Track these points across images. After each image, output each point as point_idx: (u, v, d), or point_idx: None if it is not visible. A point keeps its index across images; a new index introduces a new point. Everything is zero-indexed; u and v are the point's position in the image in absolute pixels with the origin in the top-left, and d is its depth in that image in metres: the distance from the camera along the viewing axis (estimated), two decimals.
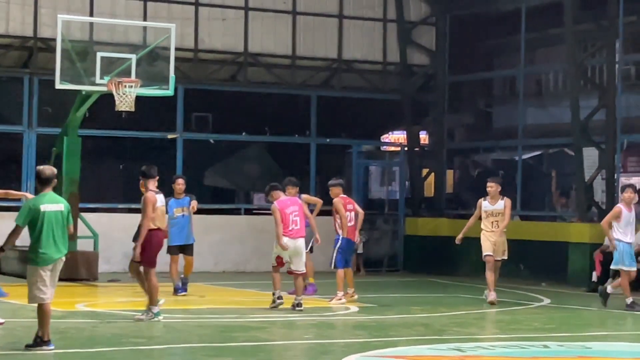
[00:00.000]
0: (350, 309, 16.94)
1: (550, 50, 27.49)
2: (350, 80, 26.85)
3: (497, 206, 18.07)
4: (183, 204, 18.87)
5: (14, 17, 23.52)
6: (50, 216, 11.79)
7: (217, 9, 25.23)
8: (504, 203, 18.12)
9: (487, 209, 18.12)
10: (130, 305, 16.79)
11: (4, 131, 25.13)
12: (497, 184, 18.22)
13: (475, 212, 18.42)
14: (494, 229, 18.01)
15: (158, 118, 25.12)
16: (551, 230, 23.58)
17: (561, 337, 14.06)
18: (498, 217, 18.04)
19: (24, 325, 13.38)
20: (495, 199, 18.09)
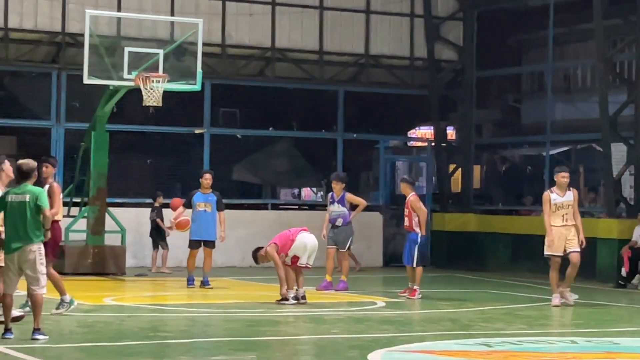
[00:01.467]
0: (377, 303, 16.95)
1: (578, 46, 27.41)
2: (378, 75, 26.85)
3: (567, 198, 16.95)
4: (208, 200, 18.93)
5: (43, 12, 23.64)
6: (13, 206, 11.83)
7: (244, 4, 25.27)
8: (572, 194, 17.06)
9: (557, 202, 16.94)
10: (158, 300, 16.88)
11: (32, 126, 25.27)
12: (569, 174, 17.17)
13: (545, 208, 17.08)
14: (564, 222, 16.90)
15: (185, 113, 25.19)
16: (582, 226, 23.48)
17: (589, 333, 14.02)
18: (568, 209, 16.86)
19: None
20: (563, 190, 16.97)
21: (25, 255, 11.84)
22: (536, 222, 24.95)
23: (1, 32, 23.40)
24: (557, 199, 16.93)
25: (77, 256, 20.90)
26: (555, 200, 16.92)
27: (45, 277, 12.04)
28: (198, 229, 18.81)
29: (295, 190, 31.92)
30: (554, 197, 16.95)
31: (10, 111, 25.25)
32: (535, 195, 26.22)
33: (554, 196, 16.97)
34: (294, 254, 16.24)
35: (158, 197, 22.44)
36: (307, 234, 16.39)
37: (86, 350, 11.52)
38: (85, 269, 20.83)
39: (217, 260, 23.10)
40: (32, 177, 12.11)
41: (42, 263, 11.92)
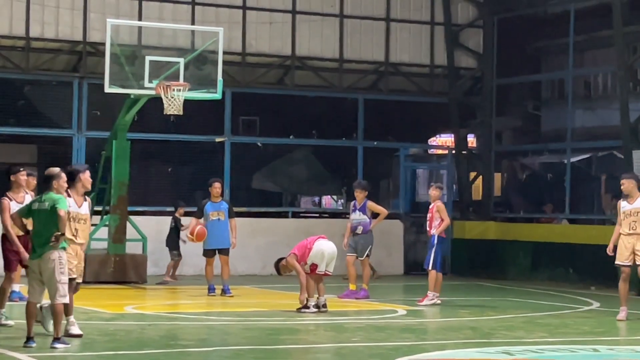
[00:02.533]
0: (397, 312, 16.92)
1: (599, 53, 27.35)
2: (398, 83, 26.83)
3: (637, 204, 16.11)
4: (219, 208, 18.95)
5: (64, 21, 23.72)
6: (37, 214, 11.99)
7: (264, 12, 25.29)
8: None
9: (625, 209, 16.20)
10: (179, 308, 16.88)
11: (54, 135, 25.34)
12: (630, 180, 16.34)
13: (619, 217, 16.36)
14: (631, 231, 16.13)
15: (206, 121, 25.22)
16: (600, 234, 23.35)
17: (611, 341, 13.96)
18: (638, 216, 16.03)
19: None
20: (634, 197, 16.10)
21: (45, 263, 11.87)
22: (557, 230, 24.94)
23: (23, 41, 23.50)
24: (626, 206, 16.28)
25: (99, 264, 20.93)
26: (625, 208, 16.29)
27: (66, 286, 12.05)
28: (212, 238, 18.86)
29: (316, 198, 31.92)
30: (624, 205, 16.32)
31: (31, 120, 25.32)
32: (556, 203, 26.17)
33: (624, 204, 16.33)
34: (312, 261, 16.25)
35: (180, 208, 22.38)
36: (324, 241, 16.40)
37: (107, 358, 11.53)
38: (106, 277, 20.86)
39: (238, 268, 23.16)
40: (55, 186, 12.13)
41: (62, 272, 11.92)
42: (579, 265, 23.62)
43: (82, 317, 15.00)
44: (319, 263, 16.27)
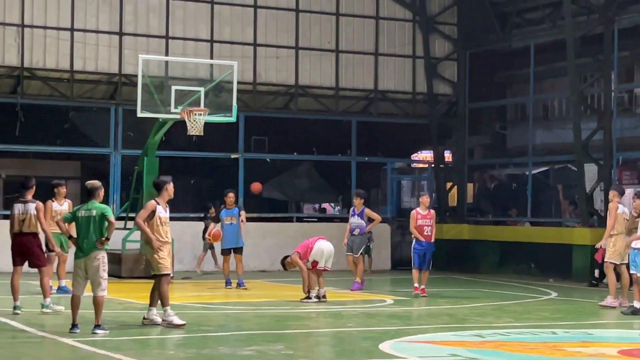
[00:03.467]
0: (386, 301, 16.91)
1: (555, 81, 27.36)
2: (385, 107, 26.84)
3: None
4: (232, 214, 18.96)
5: (102, 57, 23.74)
6: (83, 220, 11.97)
7: (272, 48, 25.33)
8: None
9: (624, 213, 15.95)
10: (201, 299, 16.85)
11: (94, 153, 25.37)
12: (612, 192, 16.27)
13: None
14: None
15: (223, 141, 25.23)
16: (557, 234, 23.44)
17: (567, 325, 13.96)
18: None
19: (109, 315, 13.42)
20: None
21: (90, 261, 11.89)
22: (521, 231, 24.93)
23: (68, 74, 23.51)
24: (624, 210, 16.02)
25: (132, 263, 20.91)
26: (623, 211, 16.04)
27: (106, 281, 12.07)
28: (227, 239, 18.89)
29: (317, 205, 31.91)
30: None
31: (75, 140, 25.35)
32: (520, 208, 26.17)
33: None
34: (313, 259, 16.27)
35: (210, 209, 22.31)
36: (323, 242, 16.43)
37: (140, 342, 11.53)
38: (139, 273, 20.81)
39: (250, 264, 23.14)
40: (97, 196, 12.16)
41: (104, 270, 11.96)
42: (539, 261, 23.62)
43: (119, 307, 15.03)
44: (319, 260, 16.27)
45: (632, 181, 26.95)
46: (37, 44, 23.13)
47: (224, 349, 11.14)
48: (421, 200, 18.12)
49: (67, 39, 23.36)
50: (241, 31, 24.99)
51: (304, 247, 16.37)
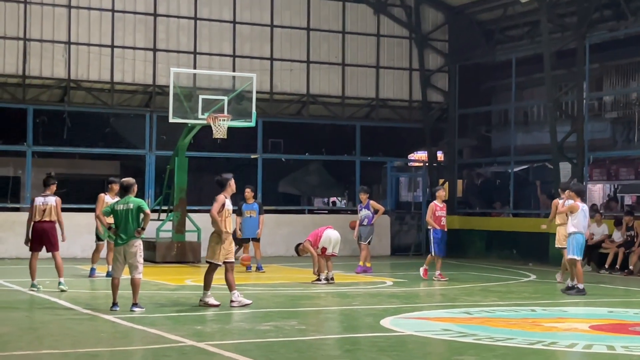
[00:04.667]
0: (386, 283, 16.88)
1: (534, 90, 27.32)
2: (385, 113, 26.81)
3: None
4: (251, 208, 18.83)
5: (139, 70, 23.77)
6: (121, 213, 11.96)
7: (286, 62, 25.32)
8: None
9: None
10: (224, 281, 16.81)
11: (132, 154, 25.39)
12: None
13: None
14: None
15: (244, 143, 25.24)
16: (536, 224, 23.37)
17: (544, 304, 13.92)
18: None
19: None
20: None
21: (129, 248, 11.92)
22: (504, 222, 24.87)
23: (108, 85, 23.55)
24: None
25: (165, 249, 20.94)
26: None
27: (142, 265, 12.07)
28: (246, 230, 18.81)
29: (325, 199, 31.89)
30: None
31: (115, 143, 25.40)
32: (503, 201, 26.11)
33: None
34: (322, 245, 16.25)
35: None
36: (331, 230, 16.41)
37: (172, 319, 11.54)
38: (171, 259, 20.87)
39: (268, 251, 23.14)
40: (132, 191, 12.18)
41: (140, 255, 11.97)
42: (520, 247, 23.57)
43: (154, 288, 15.04)
44: (328, 246, 16.25)
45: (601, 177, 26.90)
46: (82, 59, 23.17)
47: (244, 324, 11.15)
48: (438, 195, 17.81)
49: (108, 55, 23.39)
50: (259, 47, 24.98)
51: (314, 236, 16.36)
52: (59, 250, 14.57)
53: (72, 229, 21.71)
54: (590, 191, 26.90)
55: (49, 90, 23.31)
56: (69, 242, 22.16)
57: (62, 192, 18.65)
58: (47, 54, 22.88)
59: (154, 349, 9.28)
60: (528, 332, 10.75)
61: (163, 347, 9.28)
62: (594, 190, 28.09)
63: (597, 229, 20.78)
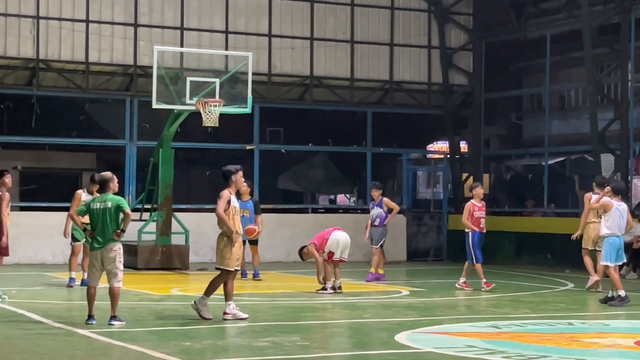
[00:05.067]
0: (402, 292, 16.90)
1: (571, 71, 27.28)
2: (400, 98, 26.81)
3: None
4: (246, 207, 18.37)
5: (117, 48, 23.79)
6: (97, 212, 11.99)
7: (287, 39, 25.32)
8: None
9: None
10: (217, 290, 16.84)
11: (109, 144, 25.42)
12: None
13: None
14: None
15: (238, 132, 25.25)
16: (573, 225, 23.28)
17: (583, 316, 13.93)
18: None
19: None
20: None
21: (107, 253, 11.91)
22: (537, 222, 24.87)
23: (83, 66, 23.57)
24: None
25: (148, 254, 20.97)
26: None
27: (122, 272, 12.09)
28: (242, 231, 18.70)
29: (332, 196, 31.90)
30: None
31: (91, 132, 25.42)
32: (536, 199, 26.11)
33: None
34: (329, 250, 16.25)
35: None
36: (339, 232, 16.41)
37: (156, 334, 11.55)
38: (155, 265, 20.90)
39: (266, 256, 23.16)
40: (109, 188, 12.17)
41: (120, 261, 11.98)
42: (556, 251, 23.56)
43: (135, 298, 15.07)
44: (335, 251, 16.26)
45: None
46: (52, 36, 23.20)
47: (239, 340, 11.16)
48: (475, 193, 17.71)
49: (82, 31, 23.41)
50: (256, 22, 24.99)
51: (320, 238, 16.36)
52: (6, 254, 14.50)
53: (41, 230, 21.90)
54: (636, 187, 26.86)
55: (14, 71, 23.34)
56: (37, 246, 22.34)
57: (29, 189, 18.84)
58: (12, 31, 22.91)
59: None
60: (564, 348, 10.74)
61: None
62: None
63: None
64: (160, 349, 10.13)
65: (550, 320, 13.12)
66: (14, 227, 22.07)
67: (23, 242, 21.92)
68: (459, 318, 13.45)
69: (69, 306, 14.38)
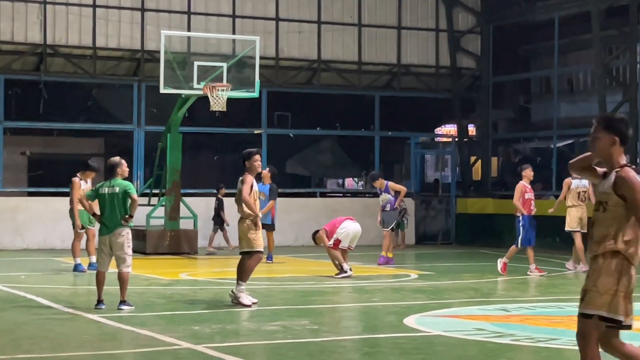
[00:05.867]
0: (410, 276, 16.90)
1: (579, 54, 27.18)
2: (408, 82, 26.76)
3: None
4: (264, 190, 18.64)
5: (124, 33, 23.77)
6: (106, 197, 11.98)
7: (294, 23, 25.27)
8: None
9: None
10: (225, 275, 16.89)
11: (117, 129, 25.44)
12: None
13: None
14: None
15: (246, 116, 25.25)
16: None
17: None
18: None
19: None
20: None
21: (115, 238, 11.91)
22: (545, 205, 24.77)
23: (90, 51, 23.57)
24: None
25: (157, 239, 21.01)
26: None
27: (131, 257, 12.10)
28: None
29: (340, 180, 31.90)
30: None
31: (98, 117, 25.45)
32: (544, 182, 26.05)
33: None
34: (337, 237, 16.25)
35: (221, 189, 22.39)
36: (351, 222, 16.41)
37: (165, 318, 11.57)
38: (163, 250, 20.94)
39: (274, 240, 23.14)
40: (118, 173, 12.18)
41: (129, 246, 11.99)
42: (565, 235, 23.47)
43: (144, 283, 15.10)
44: (343, 239, 16.25)
45: None
46: (59, 21, 23.18)
47: (249, 324, 11.17)
48: (525, 174, 17.33)
49: (90, 16, 23.39)
50: (263, 6, 24.94)
51: (332, 225, 16.41)
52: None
53: (50, 215, 21.94)
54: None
55: (22, 57, 23.34)
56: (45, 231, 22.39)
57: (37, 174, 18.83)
58: (19, 16, 22.89)
59: (144, 352, 9.31)
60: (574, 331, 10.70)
61: (155, 351, 9.31)
62: None
63: None
64: (169, 333, 10.15)
65: (559, 303, 13.11)
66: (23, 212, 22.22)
67: (32, 227, 21.99)
68: (467, 301, 13.43)
69: (78, 291, 14.42)
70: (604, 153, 6.29)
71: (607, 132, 6.30)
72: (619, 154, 6.28)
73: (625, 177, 6.14)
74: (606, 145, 6.27)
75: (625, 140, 6.29)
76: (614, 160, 6.26)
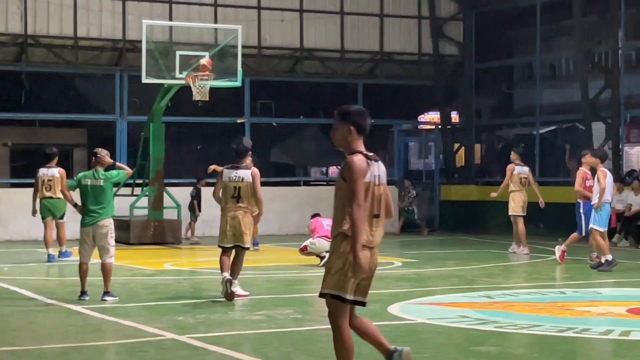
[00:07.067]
0: (394, 264, 16.93)
1: (562, 40, 27.23)
2: (391, 69, 26.75)
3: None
4: None
5: (106, 23, 23.67)
6: (89, 188, 11.99)
7: (276, 11, 25.22)
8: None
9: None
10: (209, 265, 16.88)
11: (100, 120, 25.37)
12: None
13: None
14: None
15: (228, 106, 25.20)
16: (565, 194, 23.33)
17: (575, 285, 13.97)
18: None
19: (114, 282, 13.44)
20: None
21: (98, 229, 11.90)
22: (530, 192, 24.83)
23: (71, 41, 23.45)
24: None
25: (141, 229, 20.97)
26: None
27: (114, 248, 12.08)
28: None
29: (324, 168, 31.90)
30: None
31: (81, 107, 25.37)
32: None
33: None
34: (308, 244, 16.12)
35: (200, 181, 22.25)
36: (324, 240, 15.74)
37: (149, 309, 11.57)
38: (147, 240, 20.90)
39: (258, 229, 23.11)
40: (101, 163, 12.16)
41: (112, 236, 11.97)
42: (548, 220, 23.59)
43: (128, 273, 15.08)
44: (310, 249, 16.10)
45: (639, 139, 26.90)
46: (40, 11, 23.06)
47: (233, 314, 11.17)
48: (585, 160, 16.55)
49: (71, 5, 23.27)
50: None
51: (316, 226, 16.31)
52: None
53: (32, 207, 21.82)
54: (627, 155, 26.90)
55: (2, 47, 23.22)
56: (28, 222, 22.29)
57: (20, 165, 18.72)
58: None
59: (128, 343, 9.31)
60: (557, 317, 10.79)
61: (139, 342, 9.31)
62: (631, 154, 28.09)
63: (634, 198, 20.81)
64: (153, 323, 10.14)
65: (542, 290, 13.17)
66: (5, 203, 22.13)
67: (15, 218, 21.90)
68: (451, 289, 13.47)
69: (62, 282, 14.39)
70: (342, 142, 6.95)
71: (343, 122, 6.91)
72: (356, 142, 6.94)
73: (348, 162, 6.82)
74: (343, 135, 6.90)
75: (361, 130, 6.94)
76: (351, 148, 6.93)
